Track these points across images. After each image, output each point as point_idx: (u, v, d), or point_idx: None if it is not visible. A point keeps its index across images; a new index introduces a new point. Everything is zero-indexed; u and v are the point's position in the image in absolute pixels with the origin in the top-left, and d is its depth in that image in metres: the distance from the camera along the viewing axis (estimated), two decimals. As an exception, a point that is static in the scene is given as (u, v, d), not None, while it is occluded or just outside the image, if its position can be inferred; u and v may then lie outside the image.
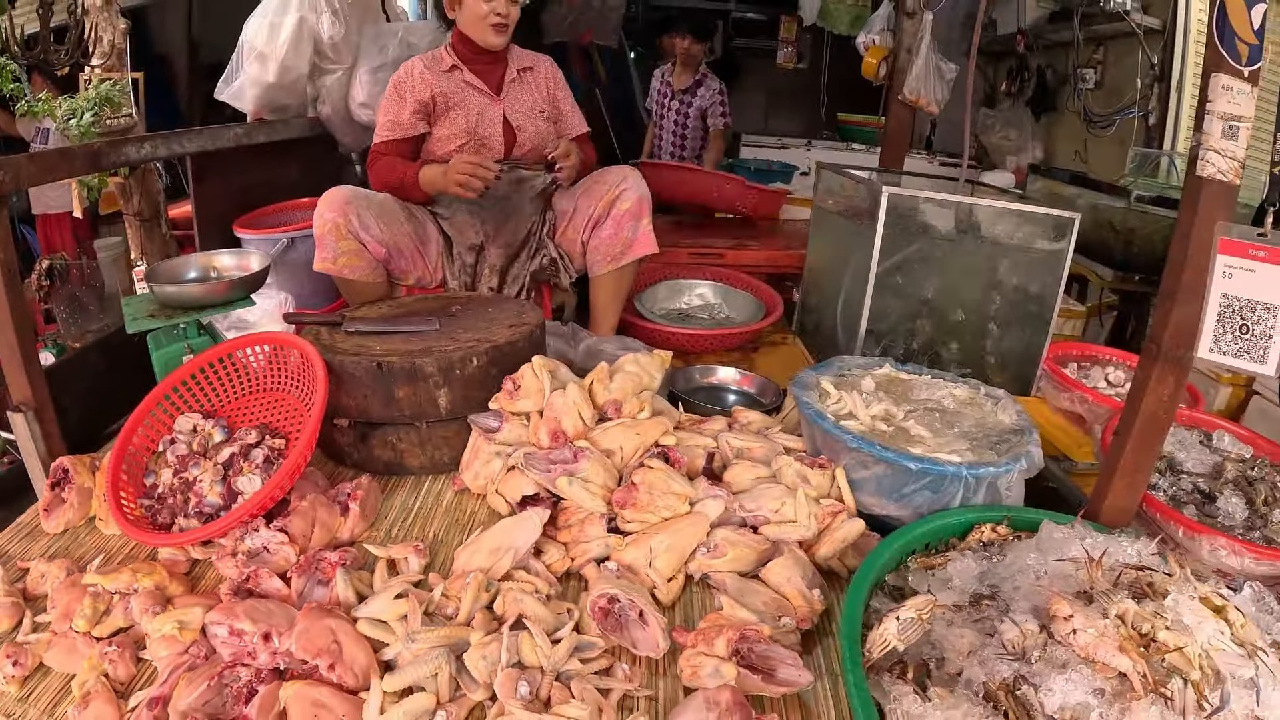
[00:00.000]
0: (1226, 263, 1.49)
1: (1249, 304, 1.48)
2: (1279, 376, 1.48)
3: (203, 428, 2.00)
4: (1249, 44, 1.45)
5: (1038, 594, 1.38)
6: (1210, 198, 1.51)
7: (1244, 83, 1.46)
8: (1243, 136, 1.48)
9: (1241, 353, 1.51)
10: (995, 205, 2.77)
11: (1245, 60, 1.46)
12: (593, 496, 1.75)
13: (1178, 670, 1.19)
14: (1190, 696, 1.16)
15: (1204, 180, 1.50)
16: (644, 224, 2.85)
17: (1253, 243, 1.46)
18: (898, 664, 1.32)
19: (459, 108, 2.88)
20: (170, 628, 1.46)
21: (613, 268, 2.86)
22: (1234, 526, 1.86)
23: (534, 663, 1.38)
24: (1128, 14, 4.84)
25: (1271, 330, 1.48)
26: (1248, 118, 1.48)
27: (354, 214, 2.63)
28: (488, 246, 2.93)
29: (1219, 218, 1.51)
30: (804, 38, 8.10)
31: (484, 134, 2.91)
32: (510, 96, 2.96)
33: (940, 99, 3.98)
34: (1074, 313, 3.89)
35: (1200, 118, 1.51)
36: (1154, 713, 1.14)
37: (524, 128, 2.96)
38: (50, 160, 2.22)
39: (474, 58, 2.90)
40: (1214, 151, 1.49)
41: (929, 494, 1.77)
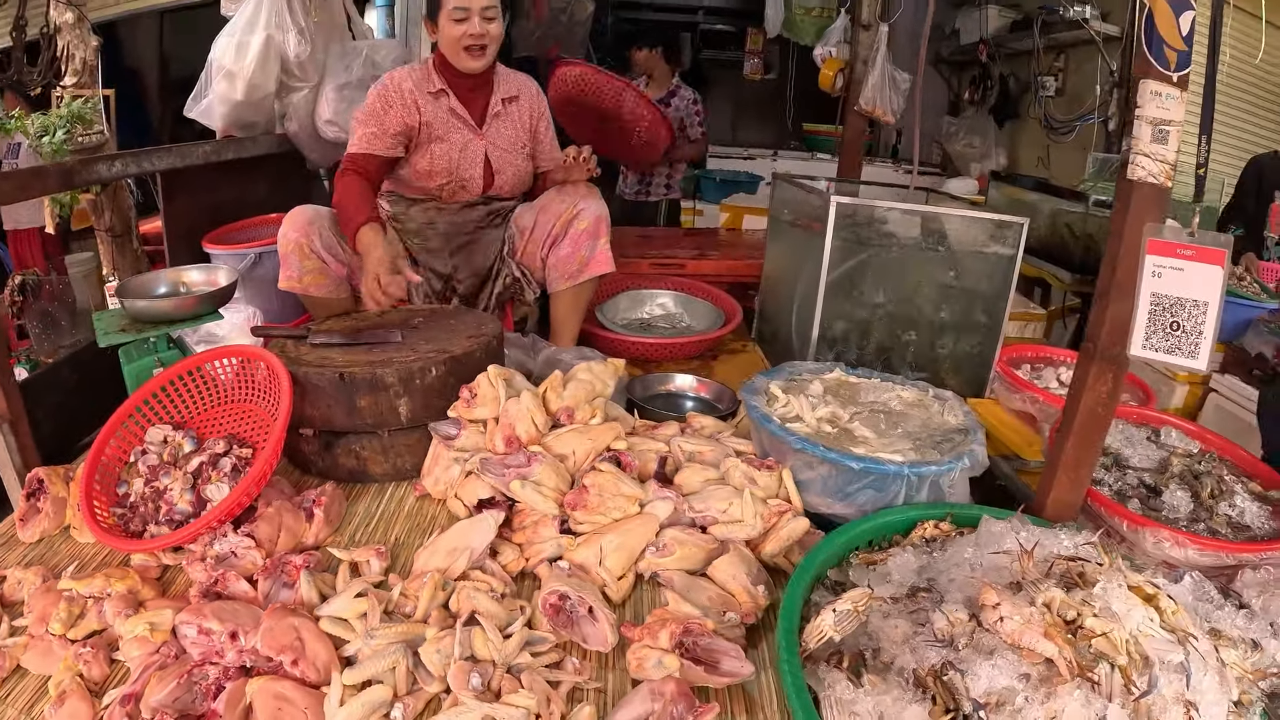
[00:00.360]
0: (1155, 262, 1.56)
1: (1179, 302, 1.54)
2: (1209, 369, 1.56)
3: (173, 438, 2.05)
4: (1177, 50, 1.51)
5: (971, 586, 1.44)
6: (1141, 200, 1.58)
7: (1173, 88, 1.52)
8: (1172, 140, 1.54)
9: (1173, 349, 1.57)
10: (944, 212, 2.87)
11: (1174, 66, 1.52)
12: (545, 499, 1.82)
13: (1104, 656, 1.24)
14: (1117, 681, 1.21)
15: (1135, 183, 1.57)
16: (601, 243, 2.88)
17: (1181, 242, 1.53)
18: (835, 654, 1.39)
19: (442, 141, 2.83)
20: (142, 629, 1.52)
21: (570, 285, 2.90)
22: (1178, 519, 1.92)
23: (486, 656, 1.44)
24: (1087, 22, 4.95)
25: (1202, 327, 1.54)
26: (1177, 122, 1.54)
27: (316, 234, 2.65)
28: (455, 277, 2.99)
29: (1150, 219, 1.57)
30: (770, 49, 8.16)
31: (465, 175, 2.89)
32: (493, 131, 2.91)
33: (896, 109, 4.08)
34: (1034, 315, 3.98)
35: (1130, 123, 1.57)
36: (1079, 696, 1.19)
37: (503, 170, 2.94)
38: (24, 178, 2.27)
39: (458, 82, 2.83)
40: (1144, 155, 1.55)
41: (873, 492, 1.85)
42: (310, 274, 2.67)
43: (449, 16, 2.66)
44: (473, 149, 2.87)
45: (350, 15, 3.63)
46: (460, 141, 2.85)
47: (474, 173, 2.89)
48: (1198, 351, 1.55)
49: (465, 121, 2.85)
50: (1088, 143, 5.31)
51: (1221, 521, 1.92)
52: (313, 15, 3.34)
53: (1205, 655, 1.28)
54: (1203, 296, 1.53)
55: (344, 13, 3.59)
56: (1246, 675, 1.37)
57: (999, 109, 6.49)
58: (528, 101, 2.98)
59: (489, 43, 2.72)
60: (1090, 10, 4.98)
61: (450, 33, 2.68)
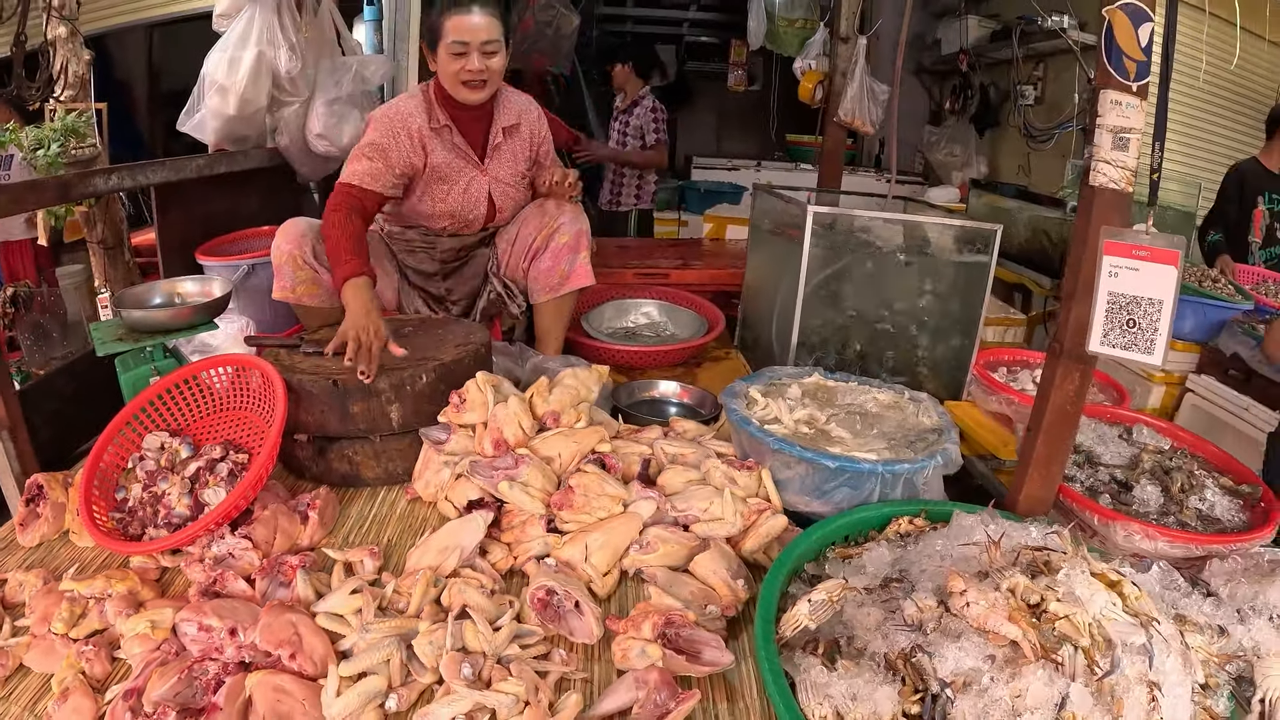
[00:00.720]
0: (1112, 263, 1.63)
1: (1134, 300, 1.62)
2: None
3: (170, 445, 2.10)
4: (1136, 61, 1.59)
5: (941, 575, 1.50)
6: (1103, 205, 1.66)
7: (1132, 97, 1.60)
8: (1133, 147, 1.62)
9: (1130, 345, 1.65)
10: (919, 220, 2.95)
11: (1133, 76, 1.60)
12: (532, 499, 1.88)
13: (1067, 638, 1.30)
14: (1080, 661, 1.27)
15: (1096, 189, 1.65)
16: (581, 257, 2.90)
17: (1135, 243, 1.60)
18: (810, 642, 1.46)
19: (445, 182, 2.80)
20: (143, 626, 1.56)
21: (552, 297, 2.93)
22: (1149, 513, 1.99)
23: (477, 648, 1.50)
24: (1065, 32, 5.00)
25: (1157, 324, 1.62)
26: (1137, 129, 1.62)
27: (309, 245, 2.64)
28: (448, 299, 3.03)
29: (1112, 223, 1.65)
30: (754, 61, 8.23)
31: (469, 216, 2.88)
32: (494, 164, 2.87)
33: (875, 119, 4.16)
34: (1015, 321, 4.04)
35: (1091, 131, 1.65)
36: (1042, 676, 1.25)
37: (505, 207, 2.93)
38: (20, 191, 2.30)
39: (459, 114, 2.77)
40: (1105, 162, 1.63)
41: (848, 490, 1.92)
42: (303, 284, 2.67)
43: (447, 50, 2.60)
44: (475, 188, 2.85)
45: (340, 31, 3.68)
46: (464, 182, 2.83)
47: (478, 212, 2.90)
48: (1153, 347, 1.63)
49: (467, 156, 2.82)
50: (1067, 150, 5.39)
51: (1192, 515, 1.98)
52: (303, 31, 3.39)
53: (1169, 638, 1.33)
54: (1157, 295, 1.60)
55: (333, 29, 3.63)
56: (1212, 659, 1.43)
57: (980, 118, 6.55)
58: (528, 127, 2.94)
59: (489, 77, 2.65)
60: (1068, 20, 5.04)
61: (448, 67, 2.62)
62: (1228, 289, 3.50)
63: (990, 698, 1.25)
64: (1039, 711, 1.22)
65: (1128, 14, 1.58)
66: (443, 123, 2.74)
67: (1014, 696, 1.24)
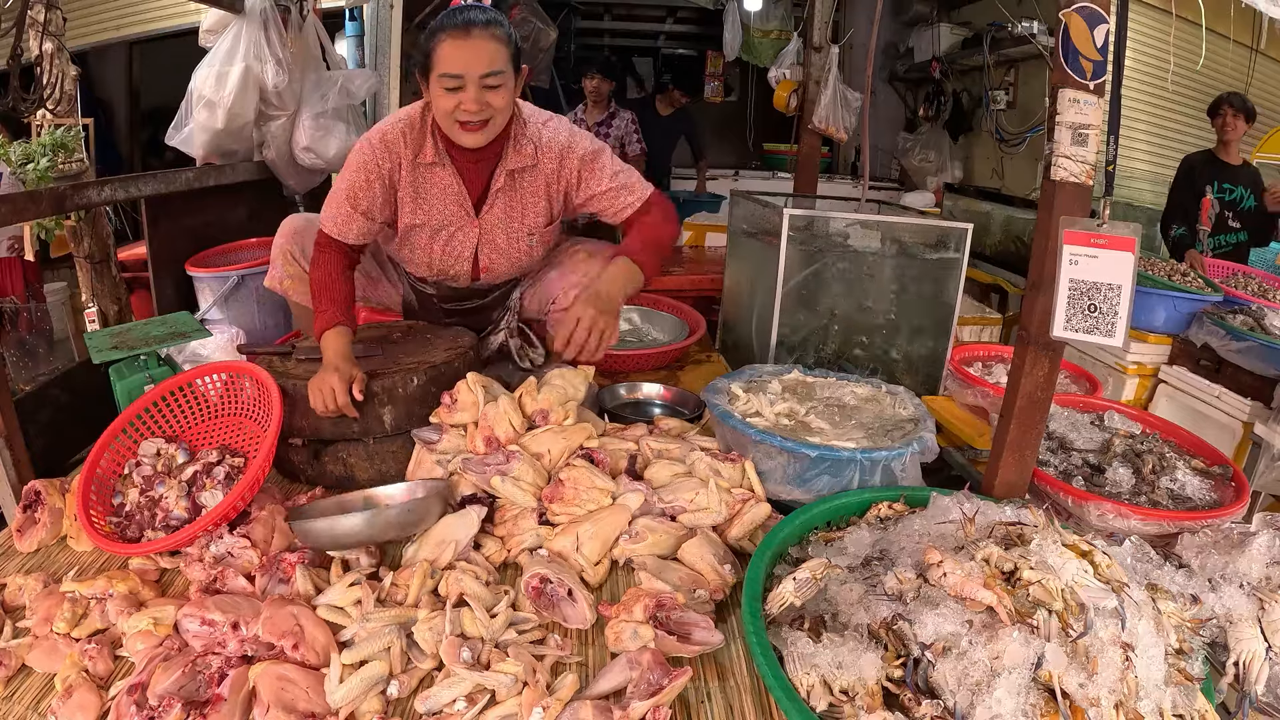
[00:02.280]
0: (1072, 251, 1.71)
1: (1094, 286, 1.70)
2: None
3: (166, 451, 2.14)
4: (1092, 60, 1.66)
5: (919, 552, 1.56)
6: (1064, 198, 1.73)
7: (1090, 95, 1.68)
8: (1091, 142, 1.70)
9: (1092, 329, 1.72)
10: (892, 221, 3.03)
11: (1090, 75, 1.67)
12: (524, 493, 1.94)
13: (1041, 603, 1.36)
14: (1054, 624, 1.33)
15: (1058, 183, 1.72)
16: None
17: (1093, 232, 1.68)
18: (797, 619, 1.52)
19: (427, 229, 2.47)
20: (146, 624, 1.60)
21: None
22: (1121, 493, 2.06)
23: (475, 633, 1.56)
24: (1034, 37, 5.12)
25: (1117, 308, 1.69)
26: (1095, 125, 1.70)
27: (300, 244, 2.58)
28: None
29: (1073, 215, 1.72)
30: (730, 72, 8.30)
31: (450, 270, 2.59)
32: (491, 216, 2.49)
33: (848, 126, 4.25)
34: (990, 320, 4.12)
35: (1051, 129, 1.72)
36: (1019, 638, 1.30)
37: (494, 265, 2.60)
38: (19, 202, 2.34)
39: (458, 153, 2.37)
40: (1064, 158, 1.71)
41: (829, 478, 1.99)
42: (290, 279, 2.64)
43: (438, 84, 2.17)
44: (461, 240, 2.52)
45: (325, 46, 3.73)
46: (448, 232, 2.49)
47: (460, 269, 2.59)
48: (1114, 330, 1.70)
49: (460, 203, 2.45)
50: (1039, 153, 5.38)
51: (1163, 494, 2.06)
52: (289, 46, 3.43)
53: (1140, 603, 1.40)
54: (1116, 280, 1.68)
55: (319, 44, 3.68)
56: (1185, 625, 1.50)
57: (953, 123, 6.66)
58: (545, 168, 2.45)
59: (492, 114, 2.22)
60: (1037, 26, 5.15)
61: (442, 104, 2.20)
62: (1197, 282, 3.58)
63: (970, 659, 1.31)
64: (1017, 671, 1.27)
65: (1083, 16, 1.64)
66: (432, 160, 2.36)
67: (992, 658, 1.30)
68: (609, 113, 5.83)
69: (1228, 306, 3.45)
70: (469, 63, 2.12)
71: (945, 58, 6.45)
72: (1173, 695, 1.34)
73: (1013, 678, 1.27)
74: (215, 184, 3.41)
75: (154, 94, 6.76)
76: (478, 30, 2.12)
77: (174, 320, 2.59)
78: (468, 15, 2.14)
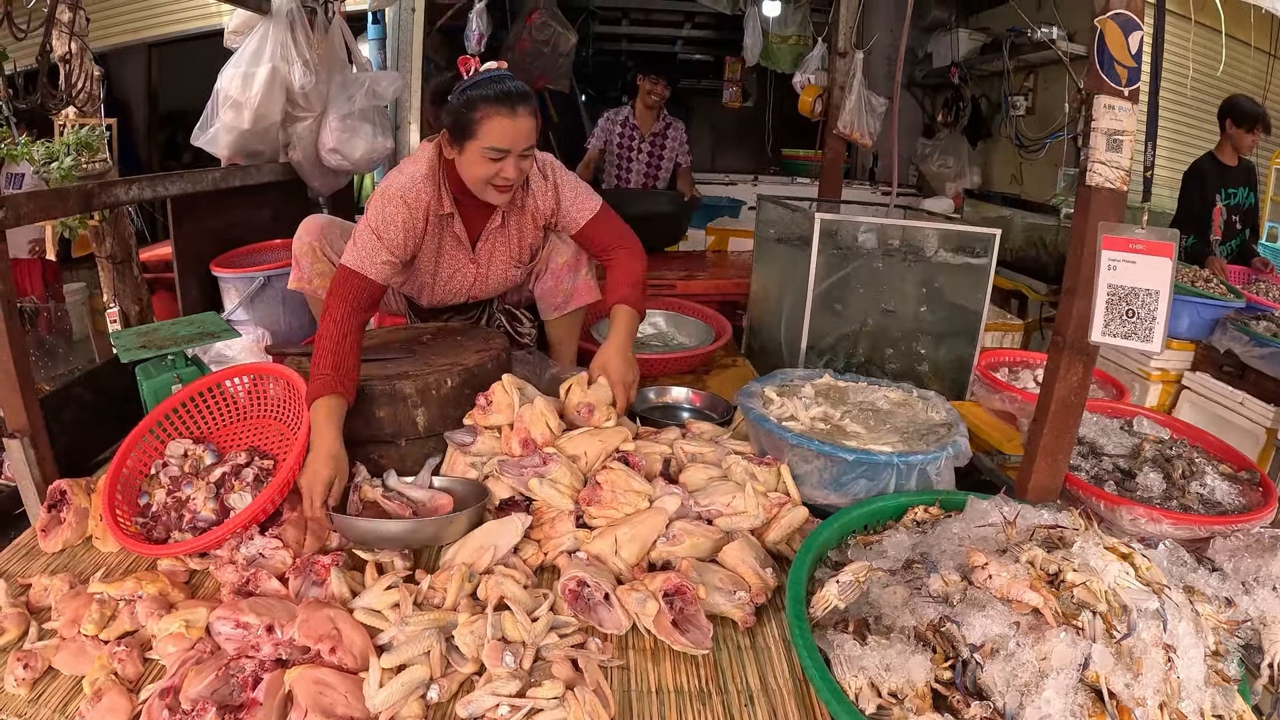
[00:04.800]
0: (1110, 257, 1.70)
1: (1132, 291, 1.69)
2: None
3: (193, 452, 2.12)
4: (1127, 67, 1.66)
5: (961, 555, 1.57)
6: (1099, 203, 1.73)
7: (1124, 101, 1.67)
8: (1126, 148, 1.70)
9: (1130, 334, 1.71)
10: (920, 226, 3.01)
11: (1124, 81, 1.67)
12: (562, 496, 1.92)
13: (1086, 604, 1.37)
14: (1099, 626, 1.33)
15: (1093, 189, 1.72)
16: (582, 274, 2.83)
17: (1132, 238, 1.67)
18: (840, 621, 1.51)
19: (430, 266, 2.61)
20: (178, 626, 1.58)
21: (558, 315, 2.91)
22: (1152, 498, 2.06)
23: (517, 637, 1.54)
24: (1054, 43, 5.07)
25: (1154, 313, 1.68)
26: (1129, 132, 1.69)
27: (328, 240, 2.69)
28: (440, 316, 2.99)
29: (1108, 220, 1.71)
30: (749, 77, 8.26)
31: (440, 297, 2.77)
32: (485, 251, 2.65)
33: (872, 131, 4.24)
34: (1012, 326, 4.09)
35: (1087, 134, 1.72)
36: (1065, 639, 1.31)
37: (484, 291, 2.80)
38: (47, 199, 2.32)
39: (466, 200, 2.48)
40: (1100, 163, 1.71)
41: (865, 482, 1.98)
42: (320, 276, 2.68)
43: (481, 153, 2.28)
44: (460, 275, 2.69)
45: (350, 47, 3.72)
46: (449, 270, 2.66)
47: (455, 298, 2.81)
48: (1151, 335, 1.69)
49: (461, 244, 2.61)
50: (1058, 159, 5.44)
51: (1194, 499, 2.05)
52: (315, 47, 3.43)
53: (1180, 605, 1.40)
54: (1154, 285, 1.67)
55: (344, 45, 3.68)
56: (1221, 627, 1.49)
57: (972, 129, 6.63)
58: (536, 206, 2.60)
59: (519, 180, 2.39)
60: (1057, 31, 5.11)
61: (479, 170, 2.32)
62: (1219, 288, 3.56)
63: (1018, 661, 1.32)
64: (1064, 672, 1.28)
65: (1119, 23, 1.64)
66: (447, 210, 2.48)
67: (1040, 659, 1.30)
68: (664, 124, 5.52)
69: (1250, 312, 3.44)
70: (515, 139, 2.25)
71: (964, 63, 6.42)
72: (1212, 696, 1.35)
73: (1061, 678, 1.28)
74: (240, 185, 3.40)
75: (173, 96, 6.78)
76: (522, 109, 2.25)
77: (201, 320, 2.58)
78: (509, 90, 2.25)
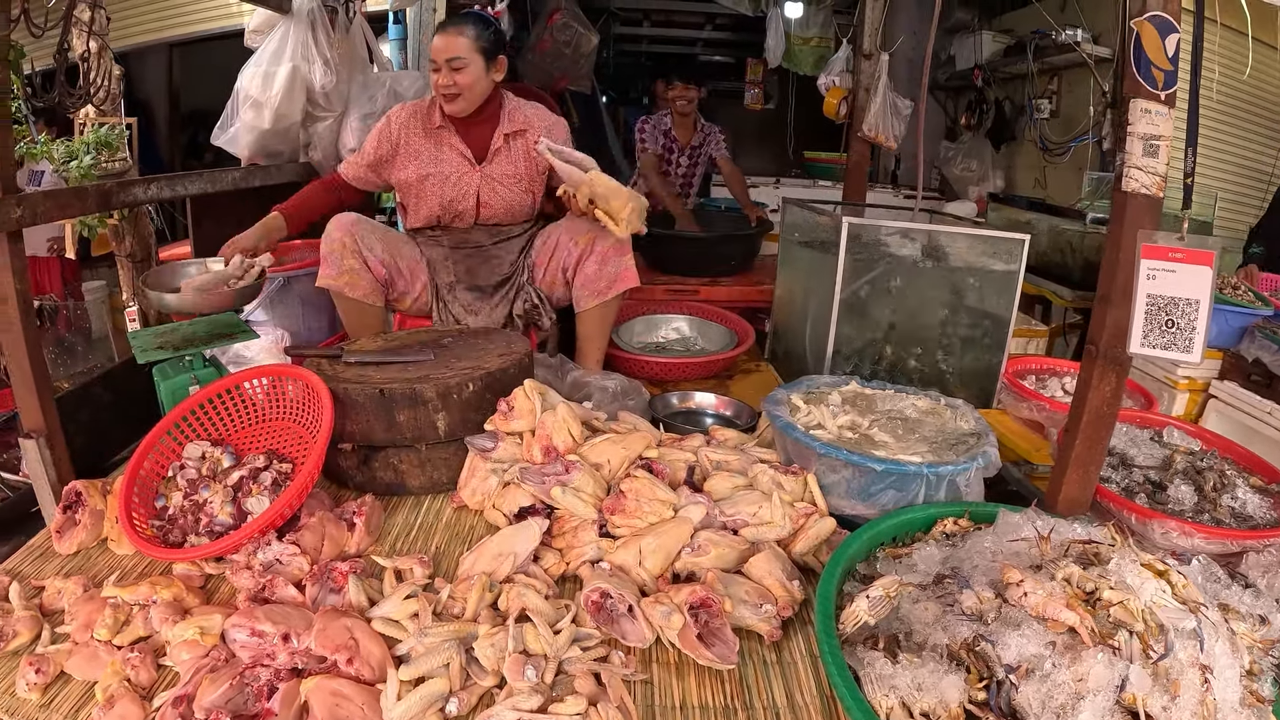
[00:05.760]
0: (1150, 266, 1.66)
1: (1172, 301, 1.65)
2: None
3: (211, 454, 2.10)
4: (1164, 70, 1.62)
5: (994, 570, 1.53)
6: (1136, 210, 1.69)
7: (1161, 105, 1.63)
8: (1162, 154, 1.66)
9: (1169, 344, 1.67)
10: (948, 230, 2.96)
11: (1161, 85, 1.62)
12: (585, 504, 1.88)
13: (1123, 623, 1.33)
14: (1136, 646, 1.30)
15: (1129, 195, 1.68)
16: (627, 259, 2.92)
17: (1172, 246, 1.64)
18: (870, 637, 1.47)
19: (434, 175, 2.95)
20: (192, 633, 1.55)
21: (599, 302, 2.92)
22: (1184, 511, 2.02)
23: (538, 650, 1.50)
24: (1079, 45, 5.02)
25: (1194, 323, 1.65)
26: (1166, 137, 1.65)
27: (359, 234, 2.82)
28: (456, 287, 3.03)
29: (1144, 227, 1.68)
30: (770, 79, 8.25)
31: (457, 208, 3.00)
32: (492, 165, 2.99)
33: (897, 134, 4.19)
34: (1036, 332, 4.03)
35: (1121, 139, 1.68)
36: (1103, 660, 1.27)
37: (491, 203, 3.01)
38: (66, 198, 2.31)
39: (459, 121, 2.95)
40: (1136, 169, 1.66)
41: (894, 492, 1.94)
42: (349, 273, 2.81)
43: (430, 67, 2.87)
44: (466, 182, 2.98)
45: (371, 47, 3.71)
46: (455, 177, 2.96)
47: (465, 205, 3.00)
48: (1191, 346, 1.66)
49: (464, 156, 2.96)
50: (1083, 162, 5.36)
51: (1225, 512, 2.01)
52: (336, 47, 3.42)
53: (1216, 624, 1.36)
54: (1194, 295, 1.64)
55: (365, 45, 3.66)
56: (1256, 645, 1.45)
57: (995, 132, 6.57)
58: (535, 134, 3.00)
59: (461, 90, 2.82)
60: (1082, 33, 5.06)
61: (431, 81, 2.87)
62: (1247, 295, 3.50)
63: (1054, 682, 1.29)
64: (1101, 694, 1.26)
65: (1155, 25, 1.61)
66: (439, 125, 2.94)
67: (1076, 680, 1.28)
68: (702, 133, 5.29)
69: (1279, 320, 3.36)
70: (438, 50, 2.80)
71: (987, 65, 6.36)
72: (1248, 717, 1.31)
73: (1098, 700, 1.26)
74: (260, 184, 3.39)
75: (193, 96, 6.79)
76: (449, 27, 2.84)
77: (219, 321, 2.56)
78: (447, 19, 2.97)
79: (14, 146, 2.71)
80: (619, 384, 2.74)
